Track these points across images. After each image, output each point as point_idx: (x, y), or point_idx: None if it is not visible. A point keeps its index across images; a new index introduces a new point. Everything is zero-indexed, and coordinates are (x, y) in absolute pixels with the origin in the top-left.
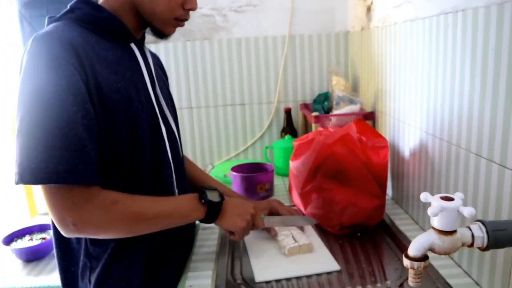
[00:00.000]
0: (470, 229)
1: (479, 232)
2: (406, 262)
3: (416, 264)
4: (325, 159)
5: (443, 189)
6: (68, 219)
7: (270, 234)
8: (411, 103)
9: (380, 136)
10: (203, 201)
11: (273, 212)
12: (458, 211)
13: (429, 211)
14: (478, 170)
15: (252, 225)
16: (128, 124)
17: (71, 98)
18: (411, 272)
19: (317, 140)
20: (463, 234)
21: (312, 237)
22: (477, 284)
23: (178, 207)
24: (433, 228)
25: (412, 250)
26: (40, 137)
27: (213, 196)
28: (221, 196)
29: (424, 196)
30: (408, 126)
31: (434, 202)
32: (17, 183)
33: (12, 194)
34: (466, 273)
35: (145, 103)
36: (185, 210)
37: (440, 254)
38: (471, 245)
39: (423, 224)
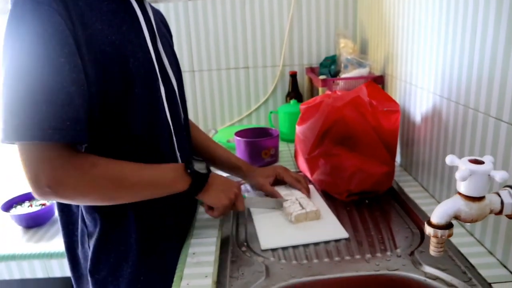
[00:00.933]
0: (499, 195)
1: (509, 199)
2: (428, 230)
3: (440, 232)
4: (334, 123)
5: (457, 155)
6: (42, 180)
7: (274, 195)
8: (425, 66)
9: (391, 100)
10: (189, 171)
11: (278, 179)
12: (489, 175)
13: (457, 175)
14: (498, 135)
15: (233, 205)
16: (121, 81)
17: (58, 48)
18: (433, 240)
19: (325, 103)
20: (491, 200)
21: (319, 204)
22: (490, 253)
23: (162, 175)
24: (460, 193)
25: (436, 217)
26: (23, 90)
27: (200, 168)
28: (208, 168)
29: (450, 159)
30: (420, 90)
31: (462, 165)
32: (2, 142)
33: (11, 159)
34: (478, 241)
35: (143, 60)
36: (169, 179)
37: (465, 221)
38: (499, 212)
39: (433, 192)
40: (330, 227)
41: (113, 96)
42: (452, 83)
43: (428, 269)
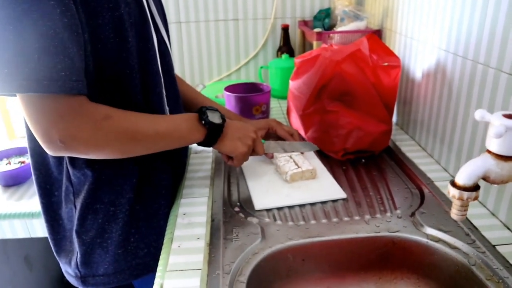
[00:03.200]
0: None
1: None
2: (453, 191)
3: (466, 194)
4: (331, 78)
5: (461, 112)
6: (54, 135)
7: (267, 156)
8: (429, 19)
9: (392, 54)
10: (203, 122)
11: (271, 133)
12: None
13: (492, 131)
14: (510, 91)
15: (252, 150)
16: (113, 28)
17: None
18: (457, 203)
19: (323, 56)
20: None
21: (314, 162)
22: (493, 214)
23: (176, 127)
24: (490, 152)
25: (463, 178)
26: (13, 37)
27: (214, 117)
28: (223, 117)
29: (481, 114)
30: (423, 44)
31: (495, 120)
32: None
33: None
34: (481, 203)
35: (134, 7)
36: (184, 130)
37: (494, 183)
38: None
39: (431, 151)
40: (327, 187)
41: (105, 45)
42: (460, 36)
43: (430, 230)
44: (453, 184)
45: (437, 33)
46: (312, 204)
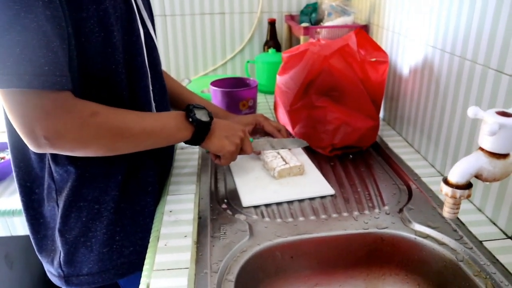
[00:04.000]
0: None
1: None
2: (446, 189)
3: (459, 192)
4: (319, 74)
5: (448, 109)
6: (38, 132)
7: (254, 152)
8: (418, 16)
9: (380, 49)
10: (190, 119)
11: (258, 128)
12: None
13: (486, 128)
14: (497, 88)
15: (240, 149)
16: (98, 22)
17: None
18: (449, 201)
19: (311, 51)
20: None
21: (301, 158)
22: (480, 210)
23: (164, 124)
24: (482, 149)
25: (455, 176)
26: None
27: (201, 115)
28: (210, 115)
29: (474, 111)
30: (410, 41)
31: (489, 118)
32: None
33: None
34: (468, 199)
35: (120, 0)
36: (171, 128)
37: (487, 181)
38: None
39: (418, 147)
40: (315, 183)
41: (89, 39)
42: (447, 33)
43: (418, 227)
44: (446, 182)
45: (424, 29)
46: (301, 201)
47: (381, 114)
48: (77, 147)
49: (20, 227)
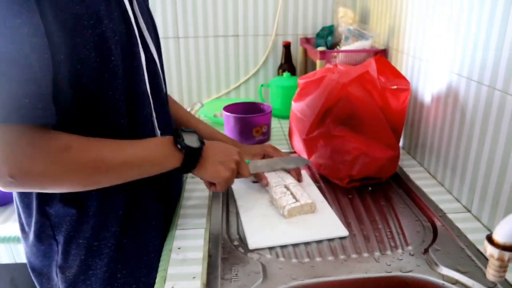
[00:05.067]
0: None
1: None
2: (491, 250)
3: (507, 254)
4: (337, 101)
5: (476, 140)
6: (3, 169)
7: (261, 184)
8: (440, 41)
9: (401, 76)
10: (179, 146)
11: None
12: None
13: None
14: None
15: (237, 173)
16: (95, 47)
17: (15, 7)
18: (494, 263)
19: (329, 78)
20: None
21: (312, 193)
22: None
23: (148, 153)
24: None
25: (504, 235)
26: None
27: (191, 140)
28: (201, 140)
29: None
30: (433, 67)
31: None
32: None
33: None
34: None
35: (119, 22)
36: (157, 157)
37: None
38: None
39: (442, 180)
40: (327, 223)
41: (85, 65)
42: (474, 62)
43: (446, 270)
44: (491, 241)
45: (448, 56)
46: (306, 243)
47: (401, 142)
48: (47, 185)
49: (24, 254)
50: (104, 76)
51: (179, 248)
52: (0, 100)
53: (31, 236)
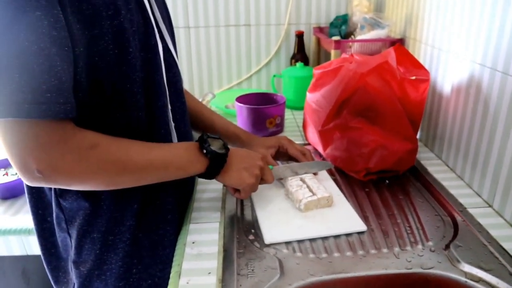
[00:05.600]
0: None
1: None
2: None
3: None
4: (355, 92)
5: (500, 132)
6: (31, 165)
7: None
8: (461, 28)
9: (421, 66)
10: (204, 151)
11: (281, 151)
12: None
13: None
14: None
15: (261, 179)
16: (113, 39)
17: (34, 0)
18: None
19: (346, 68)
20: None
21: (329, 186)
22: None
23: (173, 157)
24: None
25: None
26: None
27: (216, 146)
28: (226, 146)
29: None
30: (453, 56)
31: None
32: None
33: None
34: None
35: (136, 13)
36: (182, 161)
37: None
38: None
39: (461, 173)
40: (344, 217)
41: (103, 57)
42: (499, 51)
43: (468, 268)
44: None
45: (470, 45)
46: (324, 238)
47: (418, 135)
48: (73, 182)
49: (35, 246)
50: (122, 69)
51: (193, 243)
52: (21, 94)
53: (45, 230)
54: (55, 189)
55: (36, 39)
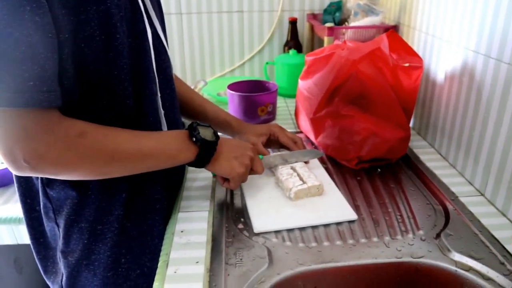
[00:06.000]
0: None
1: None
2: None
3: None
4: (347, 79)
5: (492, 120)
6: (18, 154)
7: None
8: (455, 15)
9: (414, 53)
10: (194, 139)
11: (272, 139)
12: None
13: None
14: None
15: (251, 169)
16: (99, 24)
17: None
18: None
19: (338, 55)
20: None
21: (320, 175)
22: None
23: (163, 145)
24: None
25: None
26: None
27: (206, 134)
28: (216, 134)
29: None
30: (446, 43)
31: None
32: None
33: None
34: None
35: None
36: (172, 149)
37: None
38: None
39: (454, 162)
40: (335, 206)
41: (89, 44)
42: (493, 38)
43: (459, 257)
44: None
45: (464, 32)
46: (314, 227)
47: (411, 123)
48: (61, 171)
49: (26, 236)
50: (109, 55)
51: (182, 232)
52: (4, 84)
53: (34, 219)
54: (42, 178)
55: (18, 25)
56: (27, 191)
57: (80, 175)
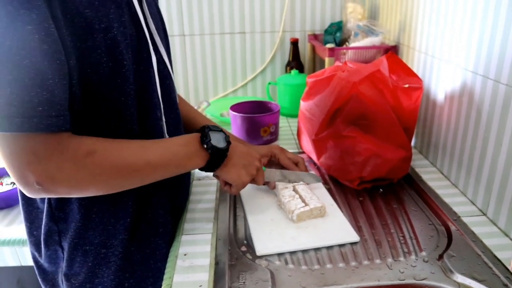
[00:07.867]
0: None
1: None
2: None
3: None
4: (348, 101)
5: (493, 140)
6: (30, 177)
7: (269, 186)
8: (453, 36)
9: (414, 74)
10: (205, 145)
11: (273, 161)
12: None
13: None
14: None
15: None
16: (106, 52)
17: (23, 12)
18: None
19: (338, 77)
20: None
21: (322, 196)
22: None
23: (172, 154)
24: None
25: None
26: None
27: (217, 140)
28: (227, 140)
29: None
30: (446, 64)
31: None
32: None
33: None
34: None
35: (130, 25)
36: (183, 156)
37: None
38: None
39: (455, 181)
40: (337, 228)
41: (96, 70)
42: (491, 59)
43: (462, 278)
44: None
45: (462, 52)
46: (317, 249)
47: (412, 142)
48: (73, 190)
49: (29, 257)
50: (116, 82)
51: (185, 255)
52: (13, 108)
53: (38, 240)
54: (50, 201)
55: (27, 53)
56: (28, 214)
57: (93, 192)
